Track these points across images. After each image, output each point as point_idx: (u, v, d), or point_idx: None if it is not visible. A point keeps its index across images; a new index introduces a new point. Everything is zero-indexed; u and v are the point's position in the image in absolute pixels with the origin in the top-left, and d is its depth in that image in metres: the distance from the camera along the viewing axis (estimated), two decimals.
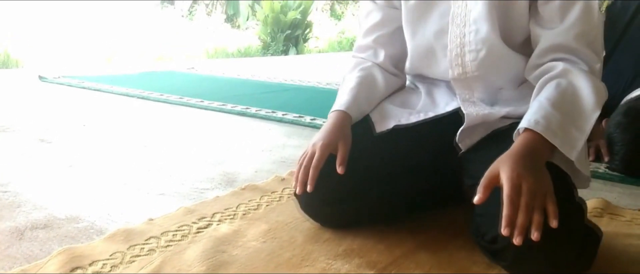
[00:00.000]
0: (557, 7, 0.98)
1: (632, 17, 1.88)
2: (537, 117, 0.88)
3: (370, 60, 1.20)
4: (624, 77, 1.84)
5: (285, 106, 2.63)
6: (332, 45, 10.91)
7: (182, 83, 3.53)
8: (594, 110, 0.91)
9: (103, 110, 2.59)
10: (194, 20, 13.60)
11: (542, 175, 0.82)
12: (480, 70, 1.05)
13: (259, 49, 9.04)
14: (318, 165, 0.99)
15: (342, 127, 1.06)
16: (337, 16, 15.68)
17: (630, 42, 1.87)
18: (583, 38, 0.97)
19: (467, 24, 1.04)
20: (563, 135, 0.88)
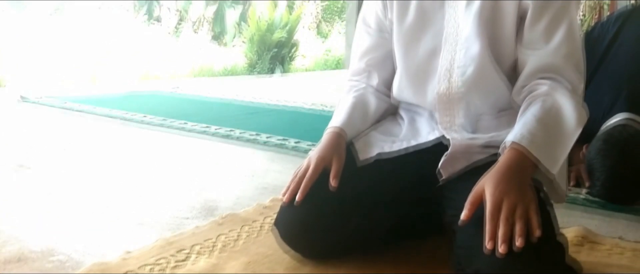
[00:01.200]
0: (542, 28, 1.02)
1: (609, 44, 1.92)
2: (523, 131, 0.92)
3: (364, 83, 1.23)
4: (604, 103, 1.86)
5: (270, 128, 2.62)
6: (319, 63, 10.97)
7: (166, 104, 3.51)
8: (576, 128, 0.96)
9: (85, 132, 2.56)
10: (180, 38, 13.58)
11: (525, 190, 0.86)
12: (465, 87, 1.07)
13: (245, 68, 9.05)
14: (311, 178, 1.02)
15: (337, 144, 1.10)
16: (324, 35, 15.81)
17: (608, 68, 1.90)
18: (569, 59, 1.02)
19: (459, 42, 1.08)
20: (546, 150, 0.92)
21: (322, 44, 14.06)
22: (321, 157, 1.05)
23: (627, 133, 1.64)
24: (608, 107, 1.84)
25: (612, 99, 1.83)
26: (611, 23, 1.94)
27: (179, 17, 15.07)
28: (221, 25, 15.11)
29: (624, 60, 1.86)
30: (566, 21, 1.03)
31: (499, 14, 1.06)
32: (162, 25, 14.10)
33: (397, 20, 1.16)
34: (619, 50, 1.89)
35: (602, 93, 1.86)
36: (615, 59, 1.89)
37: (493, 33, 1.06)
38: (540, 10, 1.03)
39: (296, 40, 9.85)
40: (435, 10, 1.12)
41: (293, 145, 2.25)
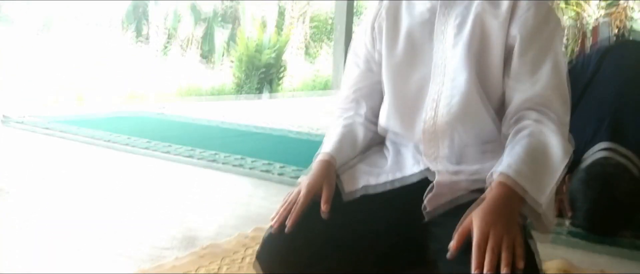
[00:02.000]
0: (529, 61, 1.04)
1: (592, 76, 1.96)
2: (510, 162, 0.94)
3: (353, 112, 1.24)
4: (586, 131, 1.89)
5: (256, 152, 2.61)
6: (306, 85, 11.02)
7: (151, 126, 3.49)
8: (562, 159, 0.97)
9: (67, 156, 2.53)
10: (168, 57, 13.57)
11: (512, 222, 0.87)
12: (450, 117, 1.08)
13: (233, 88, 9.05)
14: (302, 205, 1.02)
15: (327, 171, 1.10)
16: (312, 56, 15.92)
17: (591, 99, 1.93)
18: (555, 91, 1.04)
19: (446, 74, 1.09)
20: (533, 180, 0.93)
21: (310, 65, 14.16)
22: (312, 184, 1.05)
23: (608, 166, 1.66)
24: (590, 136, 1.86)
25: (594, 128, 1.86)
26: (592, 58, 1.99)
27: (167, 36, 15.12)
28: (210, 44, 15.15)
29: (605, 91, 1.90)
30: (552, 54, 1.05)
31: (486, 46, 1.08)
32: (150, 44, 14.10)
33: (387, 52, 1.18)
34: (601, 81, 1.93)
35: (584, 122, 1.89)
36: (598, 90, 1.93)
37: (480, 65, 1.08)
38: (527, 43, 1.05)
39: (284, 61, 9.90)
40: (424, 42, 1.14)
41: (278, 171, 2.24)
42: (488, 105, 1.08)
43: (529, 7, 1.06)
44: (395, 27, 1.19)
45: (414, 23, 1.16)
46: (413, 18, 1.17)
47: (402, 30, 1.17)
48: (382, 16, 1.21)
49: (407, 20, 1.18)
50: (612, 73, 1.93)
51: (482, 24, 1.08)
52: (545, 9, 1.07)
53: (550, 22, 1.07)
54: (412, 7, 1.19)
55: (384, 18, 1.21)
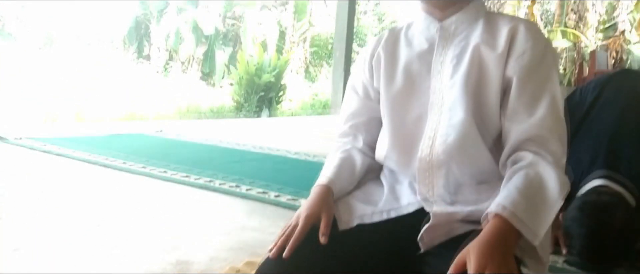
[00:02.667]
0: (526, 100, 1.04)
1: (589, 108, 1.97)
2: (505, 203, 0.93)
3: (350, 144, 1.26)
4: (582, 166, 1.89)
5: (252, 177, 2.61)
6: (305, 107, 11.06)
7: (149, 148, 3.49)
8: (557, 200, 0.97)
9: (62, 178, 2.52)
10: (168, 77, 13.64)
11: (508, 260, 0.87)
12: (446, 155, 1.08)
13: (232, 109, 9.09)
14: (300, 235, 1.02)
15: (325, 199, 1.10)
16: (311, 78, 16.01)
17: (588, 130, 1.94)
18: (553, 131, 1.04)
19: (443, 111, 1.09)
20: (528, 221, 0.93)
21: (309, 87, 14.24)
22: (310, 213, 1.06)
23: (602, 199, 1.66)
24: (587, 166, 1.87)
25: (591, 159, 1.86)
26: (591, 88, 2.00)
27: (168, 56, 15.23)
28: (210, 65, 15.26)
29: (603, 121, 1.91)
30: (549, 92, 1.06)
31: (483, 83, 1.08)
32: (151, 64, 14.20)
33: (385, 85, 1.19)
34: (598, 113, 1.95)
35: (582, 152, 1.90)
36: (595, 122, 1.94)
37: (477, 102, 1.08)
38: (524, 81, 1.06)
39: (284, 84, 9.96)
40: (421, 76, 1.15)
41: (273, 198, 2.23)
42: (485, 144, 1.08)
43: (526, 45, 1.07)
44: (393, 60, 1.20)
45: (412, 56, 1.17)
46: (411, 51, 1.18)
47: (400, 63, 1.18)
48: (380, 49, 1.23)
49: (406, 53, 1.19)
50: (610, 103, 1.94)
51: (479, 61, 1.09)
52: (542, 46, 1.08)
53: (547, 59, 1.08)
54: (410, 40, 1.20)
55: (382, 51, 1.22)
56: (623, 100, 1.88)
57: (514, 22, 1.10)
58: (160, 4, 15.11)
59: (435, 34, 1.15)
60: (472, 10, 1.14)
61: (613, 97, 1.91)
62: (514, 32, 1.08)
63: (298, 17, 16.17)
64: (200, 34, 14.87)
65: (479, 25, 1.12)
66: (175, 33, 14.57)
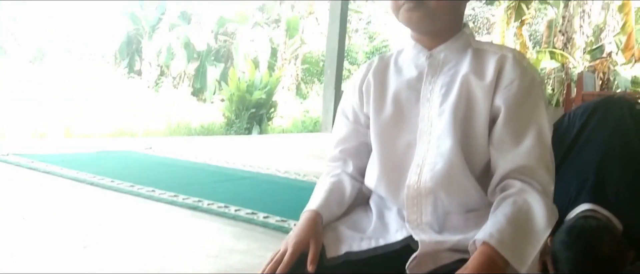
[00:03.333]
0: (514, 130, 1.06)
1: (577, 134, 2.00)
2: (493, 231, 0.94)
3: (340, 169, 1.25)
4: (569, 192, 1.91)
5: (240, 198, 2.59)
6: (296, 124, 11.07)
7: (138, 166, 3.46)
8: (545, 229, 0.98)
9: (49, 197, 2.49)
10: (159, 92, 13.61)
11: None
12: (433, 183, 1.08)
13: (223, 126, 9.07)
14: (288, 263, 1.01)
15: (314, 227, 1.10)
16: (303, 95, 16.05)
17: (575, 159, 1.96)
18: (540, 161, 1.05)
19: (431, 140, 1.10)
20: (515, 249, 0.94)
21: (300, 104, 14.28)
22: (298, 242, 1.05)
23: (589, 225, 1.67)
24: (574, 195, 1.88)
25: (577, 188, 1.88)
26: (579, 114, 2.03)
27: (159, 71, 15.23)
28: (202, 81, 15.27)
29: (589, 151, 1.93)
30: (536, 124, 1.07)
31: (471, 115, 1.09)
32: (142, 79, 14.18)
33: (374, 114, 1.20)
34: (586, 141, 1.97)
35: (568, 181, 1.91)
36: (582, 149, 1.96)
37: (465, 133, 1.09)
38: (512, 111, 1.07)
39: (275, 101, 9.98)
40: (410, 106, 1.16)
41: (261, 220, 2.22)
42: (472, 172, 1.09)
43: (514, 75, 1.08)
44: (383, 88, 1.21)
45: (401, 85, 1.18)
46: (401, 79, 1.19)
47: (390, 91, 1.19)
48: (370, 75, 1.24)
49: (395, 81, 1.20)
50: (597, 131, 1.97)
51: (468, 91, 1.10)
52: (530, 76, 1.10)
53: (534, 89, 1.09)
54: (400, 68, 1.22)
55: (372, 77, 1.23)
56: (609, 127, 1.91)
57: (502, 52, 1.12)
58: (153, 19, 15.15)
59: (424, 62, 1.16)
60: (461, 40, 1.16)
61: (600, 125, 1.94)
62: (502, 63, 1.10)
63: (290, 34, 16.27)
64: (192, 50, 14.90)
65: (468, 55, 1.14)
66: (167, 49, 14.59)
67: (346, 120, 1.27)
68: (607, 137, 1.91)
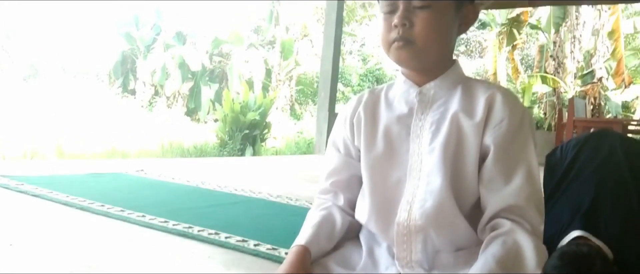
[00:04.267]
0: (503, 169, 1.07)
1: (568, 167, 2.01)
2: (482, 271, 0.96)
3: (331, 202, 1.27)
4: (562, 220, 1.92)
5: (231, 224, 2.58)
6: (290, 145, 11.07)
7: (129, 189, 3.44)
8: (534, 269, 0.99)
9: (37, 222, 2.46)
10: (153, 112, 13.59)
11: None
12: (423, 221, 1.09)
13: (216, 147, 9.05)
14: None
15: (302, 262, 1.11)
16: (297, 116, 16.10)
17: (566, 191, 1.98)
18: (530, 200, 1.06)
19: (421, 177, 1.11)
20: None
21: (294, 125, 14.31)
22: None
23: (581, 251, 1.68)
24: (566, 224, 1.90)
25: (570, 217, 1.89)
26: (571, 147, 2.06)
27: (154, 91, 15.24)
28: (196, 101, 15.30)
29: (581, 183, 1.95)
30: (526, 162, 1.09)
31: (461, 152, 1.11)
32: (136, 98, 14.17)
33: (365, 148, 1.21)
34: (577, 173, 1.99)
35: (560, 211, 1.92)
36: (574, 181, 1.98)
37: (455, 169, 1.10)
38: (501, 150, 1.08)
39: (269, 122, 9.99)
40: (401, 140, 1.17)
41: (252, 248, 2.20)
42: (462, 210, 1.10)
43: (503, 114, 1.10)
44: (373, 123, 1.22)
45: (392, 119, 1.20)
46: (391, 114, 1.21)
47: (381, 126, 1.21)
48: (360, 110, 1.25)
49: (386, 116, 1.21)
50: (587, 165, 1.98)
51: (458, 129, 1.12)
52: (519, 115, 1.12)
53: (523, 128, 1.11)
54: (390, 103, 1.23)
55: (363, 112, 1.24)
56: (600, 160, 1.93)
57: (491, 91, 1.13)
58: (148, 39, 15.22)
59: (414, 98, 1.18)
60: (451, 77, 1.17)
61: (591, 157, 1.96)
62: (491, 101, 1.11)
63: (285, 56, 16.39)
64: (187, 70, 14.94)
65: (458, 92, 1.16)
66: (162, 68, 14.62)
67: (337, 152, 1.29)
68: (599, 169, 1.93)
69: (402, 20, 1.08)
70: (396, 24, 1.09)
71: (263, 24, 17.09)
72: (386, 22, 1.12)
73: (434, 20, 1.08)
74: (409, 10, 1.08)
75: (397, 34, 1.09)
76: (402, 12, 1.08)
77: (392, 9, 1.11)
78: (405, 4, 1.09)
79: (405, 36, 1.08)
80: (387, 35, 1.12)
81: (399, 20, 1.08)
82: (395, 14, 1.10)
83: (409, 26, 1.08)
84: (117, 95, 13.33)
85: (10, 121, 8.72)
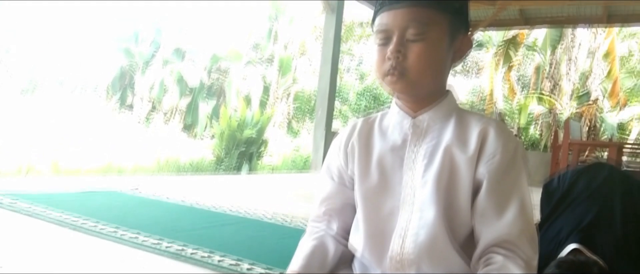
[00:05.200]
0: (497, 202, 1.07)
1: (564, 196, 2.07)
2: None
3: (324, 229, 1.25)
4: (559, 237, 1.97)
5: (226, 245, 2.56)
6: (286, 162, 11.06)
7: (123, 208, 3.42)
8: None
9: (29, 243, 2.45)
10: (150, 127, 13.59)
11: None
12: (416, 254, 1.08)
13: (212, 163, 9.03)
14: None
15: None
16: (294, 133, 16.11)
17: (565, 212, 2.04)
18: (523, 233, 1.06)
19: (414, 208, 1.10)
20: None
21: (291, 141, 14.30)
22: None
23: (578, 260, 1.72)
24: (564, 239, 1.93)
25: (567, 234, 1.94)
26: (568, 176, 2.12)
27: (151, 106, 15.26)
28: (193, 116, 15.31)
29: (578, 205, 2.00)
30: (519, 195, 1.08)
31: (454, 184, 1.10)
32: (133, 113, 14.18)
33: (359, 177, 1.20)
34: (575, 197, 2.06)
35: (559, 229, 1.99)
36: (571, 205, 2.03)
37: (448, 202, 1.10)
38: (494, 184, 1.08)
39: (265, 139, 9.99)
40: (394, 171, 1.16)
41: (245, 271, 2.19)
42: (455, 243, 1.10)
43: (496, 149, 1.10)
44: (367, 151, 1.22)
45: (385, 149, 1.20)
46: (385, 144, 1.20)
47: (374, 156, 1.20)
48: (354, 139, 1.25)
49: (379, 145, 1.21)
50: (584, 194, 2.05)
51: (451, 162, 1.11)
52: (512, 149, 1.11)
53: (516, 162, 1.11)
54: (384, 132, 1.23)
55: (356, 140, 1.24)
56: (595, 189, 1.98)
57: (484, 124, 1.13)
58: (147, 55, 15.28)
59: (408, 129, 1.18)
60: (444, 107, 1.18)
61: (587, 187, 2.01)
62: (484, 135, 1.11)
63: (283, 73, 16.46)
64: (185, 86, 14.98)
65: (451, 123, 1.16)
66: (160, 84, 14.66)
67: (331, 180, 1.28)
68: (593, 196, 1.97)
69: (396, 53, 1.08)
70: (389, 57, 1.09)
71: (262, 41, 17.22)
72: (380, 53, 1.13)
73: (428, 52, 1.09)
74: (403, 42, 1.09)
75: (390, 65, 1.10)
76: (395, 45, 1.09)
77: (386, 40, 1.11)
78: (399, 36, 1.09)
79: (399, 68, 1.09)
80: (381, 66, 1.12)
81: (392, 53, 1.09)
82: (389, 45, 1.10)
83: (403, 58, 1.08)
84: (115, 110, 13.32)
85: (7, 135, 8.69)
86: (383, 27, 1.12)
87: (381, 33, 1.13)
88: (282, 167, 10.80)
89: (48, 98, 12.78)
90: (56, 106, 11.78)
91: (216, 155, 8.97)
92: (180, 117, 14.46)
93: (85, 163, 8.12)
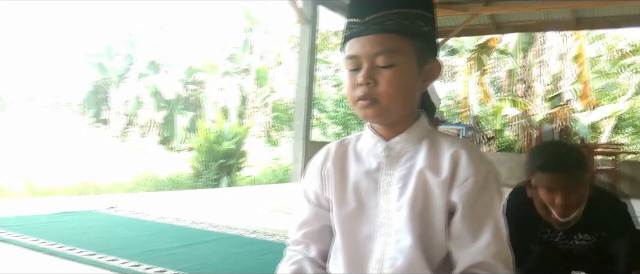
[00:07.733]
0: (471, 225, 1.08)
1: None
2: None
3: (302, 254, 1.25)
4: None
5: (205, 265, 2.55)
6: (266, 173, 11.01)
7: (100, 229, 3.37)
8: None
9: (5, 269, 2.39)
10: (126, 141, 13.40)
11: None
12: None
13: (191, 177, 8.93)
14: None
15: None
16: (273, 142, 16.07)
17: None
18: (498, 256, 1.07)
19: (391, 234, 1.11)
20: None
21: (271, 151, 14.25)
22: None
23: None
24: None
25: None
26: None
27: (127, 121, 15.05)
28: (170, 129, 15.15)
29: None
30: (493, 218, 1.10)
31: (429, 208, 1.12)
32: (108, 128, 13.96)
33: (336, 206, 1.20)
34: None
35: None
36: None
37: (424, 226, 1.11)
38: (468, 207, 1.10)
39: (244, 151, 9.94)
40: (370, 195, 1.17)
41: None
42: (431, 266, 1.11)
43: (469, 172, 1.11)
44: (343, 177, 1.22)
45: (360, 174, 1.20)
46: (360, 168, 1.21)
47: (350, 180, 1.21)
48: (329, 164, 1.25)
49: (355, 169, 1.22)
50: None
51: (424, 186, 1.13)
52: (484, 172, 1.12)
53: (489, 185, 1.12)
54: (358, 155, 1.24)
55: (331, 165, 1.24)
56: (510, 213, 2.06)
57: (456, 147, 1.14)
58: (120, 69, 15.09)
59: (381, 153, 1.19)
60: (416, 130, 1.19)
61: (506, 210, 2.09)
62: (456, 158, 1.12)
63: (259, 83, 16.43)
64: (161, 99, 14.83)
65: (423, 147, 1.17)
66: (135, 98, 14.48)
67: (308, 203, 1.28)
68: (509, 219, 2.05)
69: (366, 80, 1.09)
70: (360, 83, 1.11)
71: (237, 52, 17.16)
72: (351, 79, 1.14)
73: (398, 78, 1.10)
74: (373, 68, 1.10)
75: (361, 92, 1.11)
76: (366, 71, 1.10)
77: (356, 66, 1.13)
78: (369, 63, 1.11)
79: (370, 95, 1.10)
80: (352, 92, 1.14)
81: (363, 80, 1.10)
82: (359, 72, 1.12)
83: (373, 85, 1.10)
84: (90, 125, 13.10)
85: None
86: (353, 53, 1.14)
87: (351, 59, 1.14)
88: (263, 178, 10.75)
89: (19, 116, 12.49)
90: (28, 124, 11.52)
91: (195, 168, 8.88)
92: (157, 130, 14.29)
93: (60, 182, 7.95)
